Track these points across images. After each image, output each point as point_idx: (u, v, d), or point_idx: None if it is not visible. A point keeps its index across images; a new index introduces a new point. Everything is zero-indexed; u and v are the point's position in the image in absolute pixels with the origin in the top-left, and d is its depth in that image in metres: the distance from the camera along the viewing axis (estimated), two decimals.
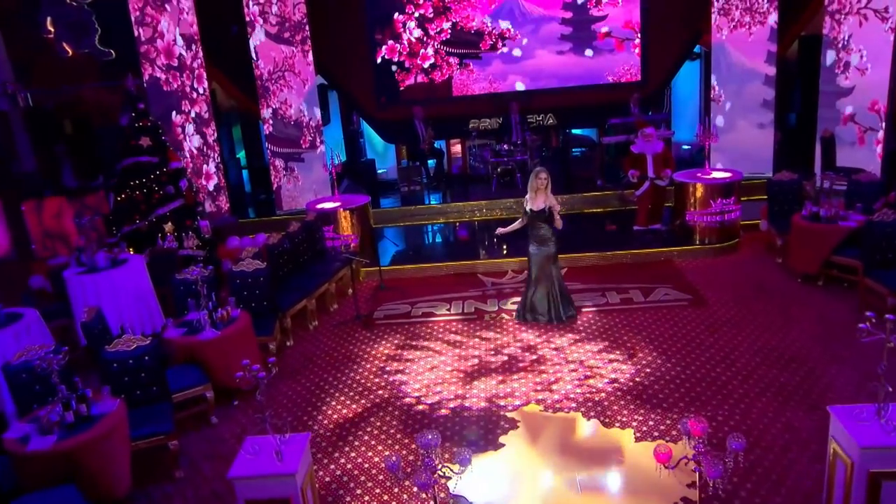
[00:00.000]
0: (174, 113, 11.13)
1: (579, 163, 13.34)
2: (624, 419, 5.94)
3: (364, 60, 13.30)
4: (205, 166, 11.61)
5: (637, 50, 13.14)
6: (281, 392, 6.88)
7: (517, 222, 7.73)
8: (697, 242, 9.80)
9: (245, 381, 3.83)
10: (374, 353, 7.57)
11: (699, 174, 9.92)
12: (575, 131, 14.24)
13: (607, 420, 5.94)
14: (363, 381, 6.99)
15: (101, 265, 7.91)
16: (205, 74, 11.47)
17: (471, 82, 13.49)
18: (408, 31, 13.14)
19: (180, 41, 11.12)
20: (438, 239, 11.77)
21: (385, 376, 7.03)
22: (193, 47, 11.31)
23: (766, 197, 9.88)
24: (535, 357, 7.13)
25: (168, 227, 9.19)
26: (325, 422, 6.30)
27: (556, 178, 12.90)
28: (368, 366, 7.29)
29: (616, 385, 6.49)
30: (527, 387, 6.57)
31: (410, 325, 8.17)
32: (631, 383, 6.50)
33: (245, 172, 13.91)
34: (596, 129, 13.88)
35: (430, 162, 13.54)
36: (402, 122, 13.30)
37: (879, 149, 10.41)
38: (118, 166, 9.27)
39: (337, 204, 10.07)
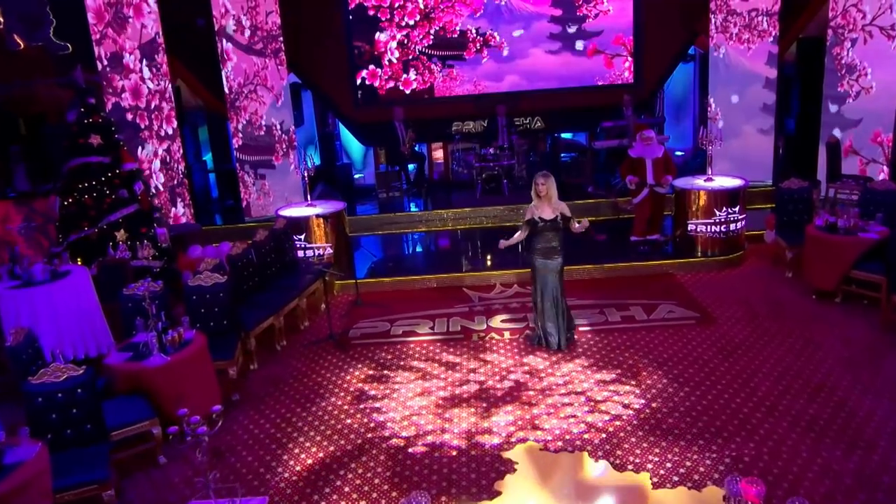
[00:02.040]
0: (140, 148, 10.18)
1: (569, 168, 12.66)
2: (637, 459, 5.16)
3: (340, 58, 12.46)
4: (174, 201, 10.67)
5: (628, 64, 12.46)
6: (242, 426, 6.00)
7: (518, 234, 6.89)
8: (699, 254, 9.09)
9: (180, 437, 2.97)
10: (349, 378, 6.72)
11: (700, 180, 9.23)
12: (564, 135, 13.51)
13: (618, 461, 5.15)
14: (337, 412, 6.13)
15: (38, 278, 6.95)
16: (174, 115, 10.59)
17: (454, 84, 12.71)
18: (389, 52, 12.33)
19: (147, 73, 10.19)
20: (419, 249, 10.95)
21: (362, 407, 6.18)
22: (164, 87, 10.41)
23: (770, 206, 9.24)
24: (529, 384, 6.32)
25: (120, 234, 8.27)
26: (293, 463, 5.43)
27: None
28: (343, 394, 6.43)
29: (625, 418, 5.71)
30: (523, 420, 5.76)
31: (390, 346, 7.34)
32: (641, 415, 5.73)
33: (212, 176, 12.97)
34: (586, 133, 13.16)
35: (411, 166, 12.72)
36: (382, 124, 12.46)
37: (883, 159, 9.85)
38: (65, 167, 8.33)
39: (309, 211, 9.21)
